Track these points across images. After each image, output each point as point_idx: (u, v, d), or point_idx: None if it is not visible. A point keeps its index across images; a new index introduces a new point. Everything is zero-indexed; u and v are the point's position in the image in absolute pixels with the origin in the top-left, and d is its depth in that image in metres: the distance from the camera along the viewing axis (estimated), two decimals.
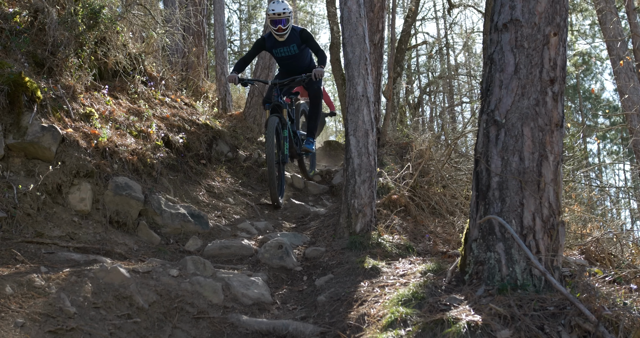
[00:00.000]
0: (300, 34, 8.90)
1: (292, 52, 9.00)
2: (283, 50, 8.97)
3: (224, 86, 14.34)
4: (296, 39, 8.90)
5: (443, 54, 31.13)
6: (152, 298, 4.52)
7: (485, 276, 4.08)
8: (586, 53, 30.47)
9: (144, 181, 7.04)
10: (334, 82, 30.67)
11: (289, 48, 8.94)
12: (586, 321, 3.31)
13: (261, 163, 10.12)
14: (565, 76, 4.28)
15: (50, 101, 6.38)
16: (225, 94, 14.26)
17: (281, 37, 8.75)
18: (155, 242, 6.38)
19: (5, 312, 3.65)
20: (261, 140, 12.04)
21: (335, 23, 17.17)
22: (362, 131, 6.63)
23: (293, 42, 8.89)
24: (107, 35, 7.97)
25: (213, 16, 16.59)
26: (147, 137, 7.72)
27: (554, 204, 4.10)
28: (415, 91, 28.51)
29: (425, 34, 38.10)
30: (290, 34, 8.85)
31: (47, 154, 5.93)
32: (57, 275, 4.28)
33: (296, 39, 8.90)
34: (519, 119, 4.14)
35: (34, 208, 5.59)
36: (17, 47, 6.55)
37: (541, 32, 4.20)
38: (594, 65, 33.52)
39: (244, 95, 18.81)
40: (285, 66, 9.27)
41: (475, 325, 3.42)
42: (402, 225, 6.91)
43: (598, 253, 5.47)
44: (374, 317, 4.14)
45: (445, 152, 9.08)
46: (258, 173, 9.91)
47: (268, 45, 9.02)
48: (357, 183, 6.50)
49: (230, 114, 13.47)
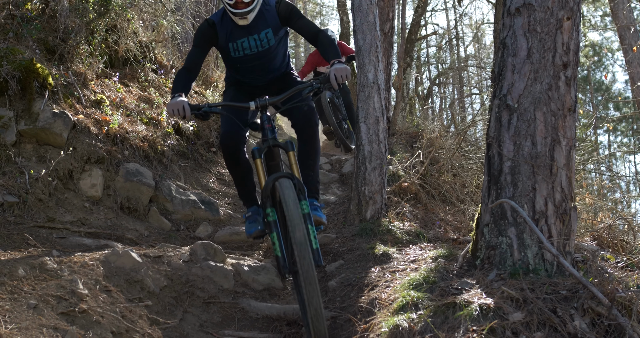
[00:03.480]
0: (278, 8, 5.08)
1: (263, 46, 5.15)
2: (248, 43, 5.12)
3: None
4: (271, 19, 5.09)
5: (453, 45, 31.03)
6: (163, 283, 4.54)
7: (497, 261, 4.06)
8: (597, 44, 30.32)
9: (154, 168, 7.05)
10: None
11: (258, 38, 5.11)
12: (599, 304, 3.29)
13: None
14: (578, 60, 4.25)
15: (62, 88, 6.39)
16: None
17: (243, 17, 4.90)
18: (165, 228, 6.40)
19: (18, 293, 3.67)
20: None
21: (345, 13, 17.16)
22: (372, 118, 6.61)
23: (266, 25, 5.08)
24: (117, 22, 7.97)
25: None
26: (157, 124, 7.73)
27: (567, 189, 4.08)
28: (424, 82, 28.43)
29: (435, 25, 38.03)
30: (259, 12, 5.02)
31: (58, 140, 5.94)
32: (69, 259, 4.30)
33: (271, 20, 5.10)
34: (531, 104, 4.11)
35: (45, 194, 5.61)
36: (28, 34, 6.56)
37: (554, 16, 4.17)
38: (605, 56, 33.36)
39: None
40: (249, 73, 5.37)
41: (487, 308, 3.41)
42: (413, 213, 6.90)
43: (610, 240, 5.44)
44: (385, 301, 4.14)
45: (456, 141, 9.06)
46: None
47: (221, 36, 5.12)
48: (367, 170, 6.49)
49: None
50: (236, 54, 5.20)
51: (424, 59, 30.30)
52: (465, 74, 29.30)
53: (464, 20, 31.35)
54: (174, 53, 10.60)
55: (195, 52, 5.12)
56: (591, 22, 26.30)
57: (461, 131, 9.37)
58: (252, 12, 4.90)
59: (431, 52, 31.61)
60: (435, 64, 31.52)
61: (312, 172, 5.21)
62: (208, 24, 5.14)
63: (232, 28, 5.09)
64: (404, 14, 14.35)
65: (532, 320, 3.25)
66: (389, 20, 10.10)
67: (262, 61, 5.27)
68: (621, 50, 16.28)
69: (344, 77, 4.51)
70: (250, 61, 5.25)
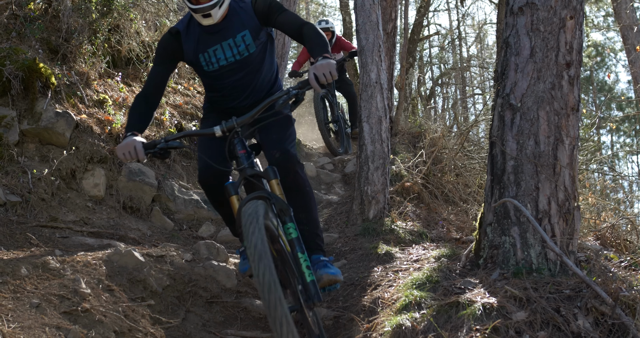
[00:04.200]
0: (255, 4, 4.17)
1: (241, 53, 4.21)
2: (222, 52, 4.19)
3: None
4: (247, 18, 4.18)
5: (455, 45, 31.01)
6: (165, 282, 4.54)
7: (500, 260, 4.06)
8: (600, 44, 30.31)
9: (157, 168, 7.05)
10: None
11: (233, 43, 4.18)
12: (602, 303, 3.29)
13: None
14: (581, 59, 4.24)
15: (65, 87, 6.40)
16: None
17: (206, 14, 3.95)
18: (168, 228, 6.40)
19: (21, 292, 3.67)
20: None
21: (348, 13, 17.16)
22: (375, 118, 6.61)
23: (241, 27, 4.17)
24: (120, 22, 7.97)
25: None
26: (160, 124, 7.72)
27: (570, 188, 4.07)
28: (427, 83, 28.42)
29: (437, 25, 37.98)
30: (232, 10, 4.16)
31: (61, 140, 5.95)
32: (71, 258, 4.30)
33: (247, 20, 4.18)
34: (534, 103, 4.11)
35: (48, 193, 5.61)
36: (31, 34, 6.56)
37: (557, 15, 4.16)
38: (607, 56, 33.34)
39: None
40: (231, 93, 4.40)
41: (491, 307, 3.41)
42: (415, 212, 6.89)
43: (613, 240, 5.44)
44: (388, 301, 4.14)
45: (458, 141, 9.05)
46: None
47: (187, 47, 4.18)
48: (370, 170, 6.48)
49: None
50: (210, 67, 4.23)
51: (426, 59, 30.30)
52: (467, 74, 29.27)
53: (467, 20, 31.36)
54: None
55: (156, 73, 4.21)
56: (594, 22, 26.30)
57: (464, 131, 9.37)
58: (217, 8, 3.94)
59: (434, 52, 31.61)
60: (437, 65, 31.51)
61: (307, 226, 4.23)
62: (170, 33, 4.17)
63: (200, 35, 4.15)
64: (406, 14, 14.31)
65: (536, 320, 3.25)
66: (392, 20, 10.09)
67: (244, 74, 4.28)
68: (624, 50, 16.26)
69: (327, 76, 3.59)
70: (228, 75, 4.28)
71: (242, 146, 3.75)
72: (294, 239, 3.44)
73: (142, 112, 4.09)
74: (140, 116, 4.07)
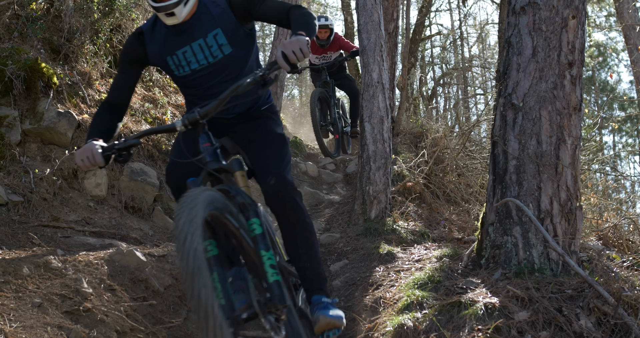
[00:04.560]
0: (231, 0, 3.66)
1: (214, 55, 3.67)
2: (192, 53, 3.67)
3: None
4: (220, 16, 3.66)
5: (457, 45, 31.00)
6: (167, 282, 4.54)
7: (502, 260, 4.06)
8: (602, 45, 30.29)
9: (159, 168, 7.04)
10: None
11: (204, 44, 3.66)
12: (605, 303, 3.29)
13: None
14: (584, 59, 4.24)
15: (66, 87, 6.39)
16: None
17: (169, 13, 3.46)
18: (170, 227, 6.39)
19: (23, 292, 3.67)
20: None
21: (350, 13, 17.14)
22: (377, 118, 6.60)
23: (213, 25, 3.65)
24: (122, 22, 7.97)
25: None
26: (162, 124, 7.72)
27: (572, 188, 4.07)
28: (429, 83, 28.41)
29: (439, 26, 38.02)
30: (201, 6, 3.64)
31: (63, 140, 5.95)
32: (73, 258, 4.31)
33: (220, 18, 3.66)
34: (536, 103, 4.11)
35: (50, 193, 5.61)
36: (33, 34, 6.56)
37: (559, 15, 4.16)
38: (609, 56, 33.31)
39: None
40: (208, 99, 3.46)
41: (493, 307, 3.41)
42: (417, 212, 6.89)
43: (616, 240, 5.43)
44: (390, 300, 4.14)
45: (460, 141, 9.04)
46: None
47: (152, 49, 3.72)
48: (372, 170, 6.48)
49: None
50: (180, 71, 3.73)
51: (428, 59, 30.28)
52: (469, 74, 29.27)
53: (469, 20, 31.38)
54: None
55: (119, 80, 3.79)
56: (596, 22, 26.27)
57: (465, 131, 9.36)
58: (181, 5, 3.45)
59: (435, 52, 31.60)
60: (439, 65, 31.50)
61: (308, 263, 3.65)
62: (134, 35, 3.76)
63: (166, 36, 3.67)
64: (408, 14, 14.35)
65: (538, 319, 3.25)
66: (394, 20, 10.08)
67: (221, 79, 3.74)
68: (626, 50, 16.23)
69: (298, 54, 3.11)
70: (203, 80, 3.75)
71: (206, 139, 3.33)
72: (258, 235, 3.09)
73: (104, 121, 3.69)
74: (102, 125, 3.65)
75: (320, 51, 10.53)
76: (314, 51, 10.48)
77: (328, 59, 10.55)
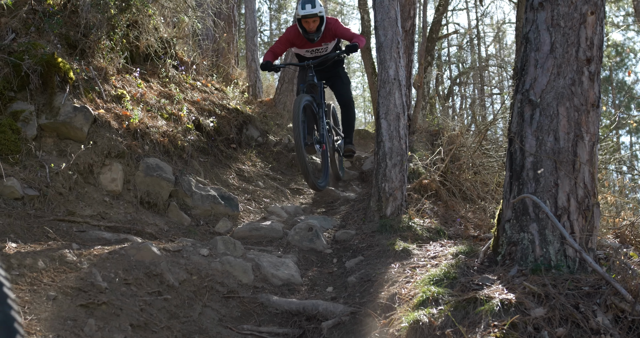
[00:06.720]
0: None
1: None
2: None
3: (255, 73, 14.33)
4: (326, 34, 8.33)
5: (474, 45, 30.90)
6: (182, 277, 4.53)
7: (518, 257, 4.03)
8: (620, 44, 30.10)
9: (174, 163, 7.06)
10: (363, 72, 30.60)
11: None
12: (622, 300, 3.25)
13: (291, 148, 10.10)
14: (602, 56, 4.20)
15: (83, 82, 6.42)
16: (255, 80, 14.26)
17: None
18: (185, 223, 6.40)
19: (38, 285, 3.68)
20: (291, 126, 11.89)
21: (366, 11, 17.05)
22: (393, 115, 6.58)
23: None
24: (138, 18, 7.99)
25: (244, 4, 16.59)
26: (178, 120, 7.74)
27: (589, 185, 4.03)
28: (445, 82, 28.33)
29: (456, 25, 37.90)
30: None
31: (79, 135, 5.96)
32: (88, 252, 4.31)
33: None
34: (554, 99, 4.07)
35: (65, 187, 5.63)
36: (50, 29, 6.59)
37: (578, 10, 4.12)
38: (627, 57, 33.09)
39: (274, 83, 18.82)
40: None
41: (509, 303, 3.38)
42: (433, 209, 6.86)
43: (633, 238, 5.39)
44: (405, 297, 4.11)
45: (477, 139, 9.01)
46: (288, 158, 9.90)
47: None
48: (388, 167, 6.46)
49: (261, 100, 13.46)
50: None
51: (444, 58, 30.21)
52: (486, 73, 29.17)
53: (485, 19, 31.25)
54: (195, 50, 10.62)
55: None
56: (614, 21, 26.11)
57: (482, 129, 9.32)
58: None
59: (452, 51, 31.52)
60: (456, 64, 31.41)
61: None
62: None
63: None
64: (425, 12, 14.30)
65: (554, 316, 3.22)
66: (410, 18, 10.05)
67: None
68: None
69: None
70: None
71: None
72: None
73: None
74: None
75: (309, 45, 8.44)
76: (301, 45, 8.46)
77: (323, 51, 8.47)
